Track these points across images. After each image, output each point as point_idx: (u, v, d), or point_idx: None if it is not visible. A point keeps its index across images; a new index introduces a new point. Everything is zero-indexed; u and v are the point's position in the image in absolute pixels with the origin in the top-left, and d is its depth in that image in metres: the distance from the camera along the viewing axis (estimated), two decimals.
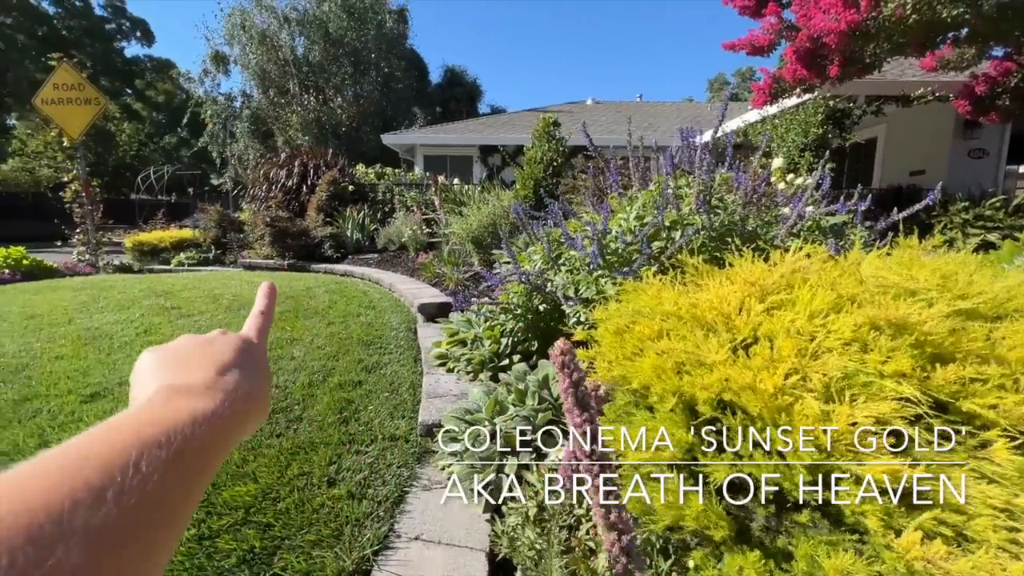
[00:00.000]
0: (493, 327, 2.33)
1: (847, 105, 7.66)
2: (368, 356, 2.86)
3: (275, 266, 7.19)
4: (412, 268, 5.85)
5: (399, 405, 2.21)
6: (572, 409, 0.43)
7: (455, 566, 1.25)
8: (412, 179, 10.65)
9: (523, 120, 14.74)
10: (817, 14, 4.46)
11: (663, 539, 1.15)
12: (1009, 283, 1.21)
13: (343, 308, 4.05)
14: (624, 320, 1.40)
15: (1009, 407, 0.87)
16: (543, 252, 2.13)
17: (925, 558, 0.73)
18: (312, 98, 22.17)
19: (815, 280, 1.22)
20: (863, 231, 1.78)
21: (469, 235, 4.93)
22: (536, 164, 5.74)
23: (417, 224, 6.90)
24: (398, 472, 1.70)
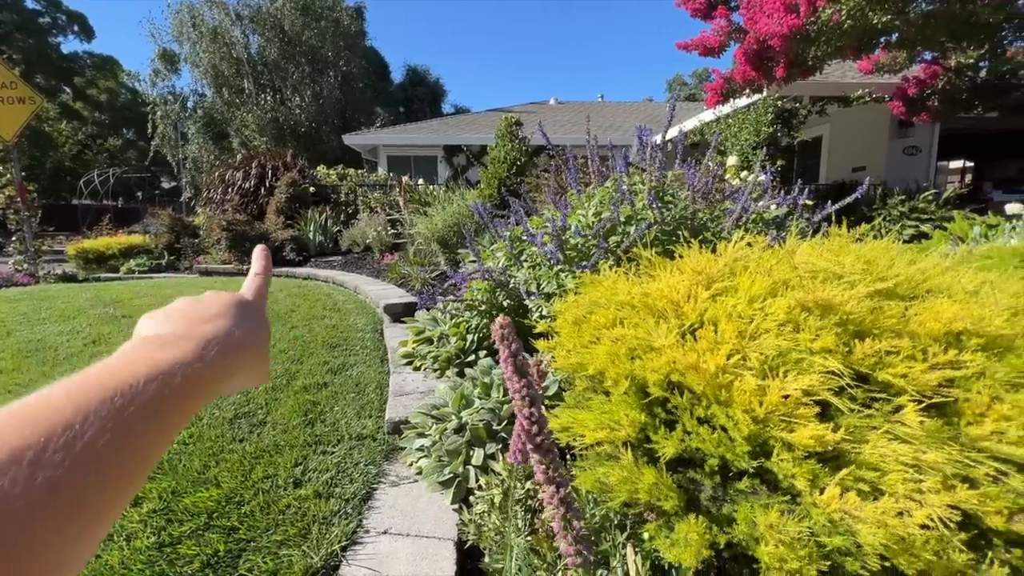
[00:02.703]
0: (459, 324, 2.36)
1: (794, 105, 8.07)
2: (333, 358, 2.83)
3: (234, 271, 6.95)
4: (377, 269, 5.79)
5: (366, 405, 2.21)
6: (512, 377, 0.48)
7: (423, 556, 1.27)
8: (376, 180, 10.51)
9: (487, 120, 14.77)
10: (762, 18, 4.70)
11: (621, 514, 1.21)
12: (923, 266, 1.34)
13: (306, 311, 3.98)
14: (581, 311, 1.46)
15: (917, 375, 0.97)
16: (506, 250, 2.17)
17: (842, 510, 0.81)
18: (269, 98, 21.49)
19: (754, 268, 1.31)
20: (802, 222, 1.91)
21: (434, 235, 4.93)
22: (500, 164, 5.79)
23: (382, 225, 6.82)
24: (366, 470, 1.70)
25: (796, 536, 0.89)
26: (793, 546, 0.87)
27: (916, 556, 0.80)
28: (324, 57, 22.44)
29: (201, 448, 1.79)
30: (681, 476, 1.15)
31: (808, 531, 0.90)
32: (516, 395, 0.48)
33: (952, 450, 0.89)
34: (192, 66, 22.16)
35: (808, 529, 0.90)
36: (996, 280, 1.28)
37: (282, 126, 21.53)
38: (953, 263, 1.47)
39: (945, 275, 1.34)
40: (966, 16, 4.66)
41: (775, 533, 0.89)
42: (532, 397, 0.48)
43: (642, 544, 1.10)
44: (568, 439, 1.21)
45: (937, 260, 1.42)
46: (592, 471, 1.18)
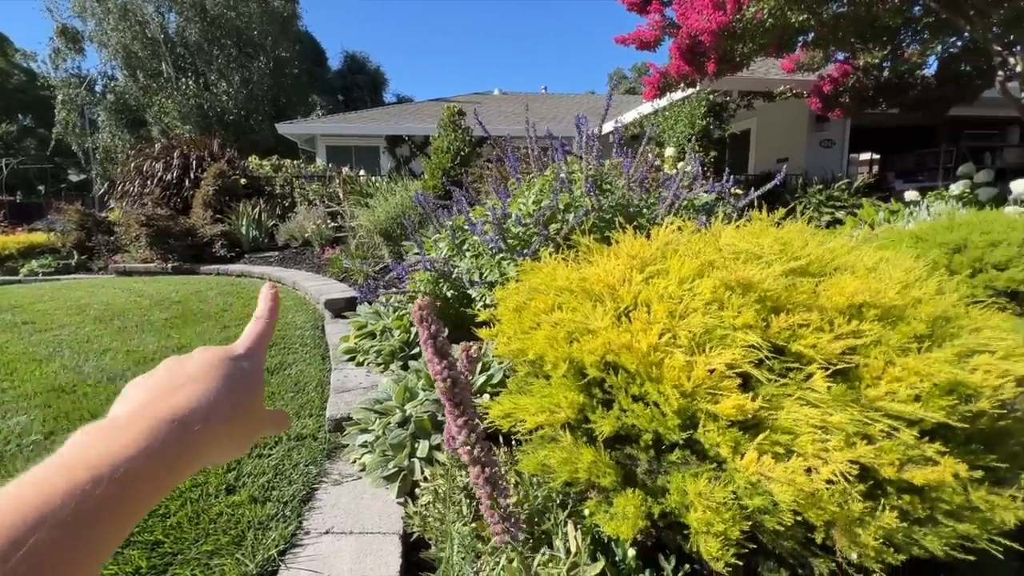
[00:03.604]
0: (402, 317, 2.31)
1: (724, 99, 8.50)
2: (270, 357, 2.69)
3: (157, 270, 6.43)
4: (318, 264, 5.55)
5: (306, 404, 2.12)
6: (432, 359, 0.47)
7: (368, 552, 1.25)
8: (314, 171, 10.04)
9: (431, 110, 14.48)
10: (692, 14, 4.90)
11: (563, 494, 1.24)
12: (831, 246, 1.45)
13: (240, 311, 3.76)
14: (522, 297, 1.47)
15: (824, 345, 1.05)
16: (448, 240, 2.15)
17: (759, 472, 0.87)
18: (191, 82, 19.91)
19: (684, 251, 1.37)
20: (728, 208, 2.03)
21: (377, 227, 4.79)
22: (443, 154, 5.70)
23: (321, 218, 6.54)
24: (306, 470, 1.64)
25: (722, 501, 0.95)
26: (719, 510, 0.93)
27: (823, 509, 0.87)
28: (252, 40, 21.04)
29: None
30: (619, 453, 1.20)
31: (732, 495, 0.96)
32: (437, 377, 0.47)
33: (854, 411, 0.98)
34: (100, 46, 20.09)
35: (732, 493, 0.96)
36: (892, 257, 1.42)
37: (207, 113, 20.03)
38: (857, 243, 1.61)
39: (850, 254, 1.46)
40: (870, 19, 5.09)
41: (703, 500, 0.94)
42: (454, 379, 0.48)
43: (583, 520, 1.14)
44: (510, 425, 1.23)
45: (844, 241, 1.54)
46: (534, 454, 1.20)
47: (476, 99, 17.05)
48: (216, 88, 20.45)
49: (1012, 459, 1.03)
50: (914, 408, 0.95)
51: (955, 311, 1.24)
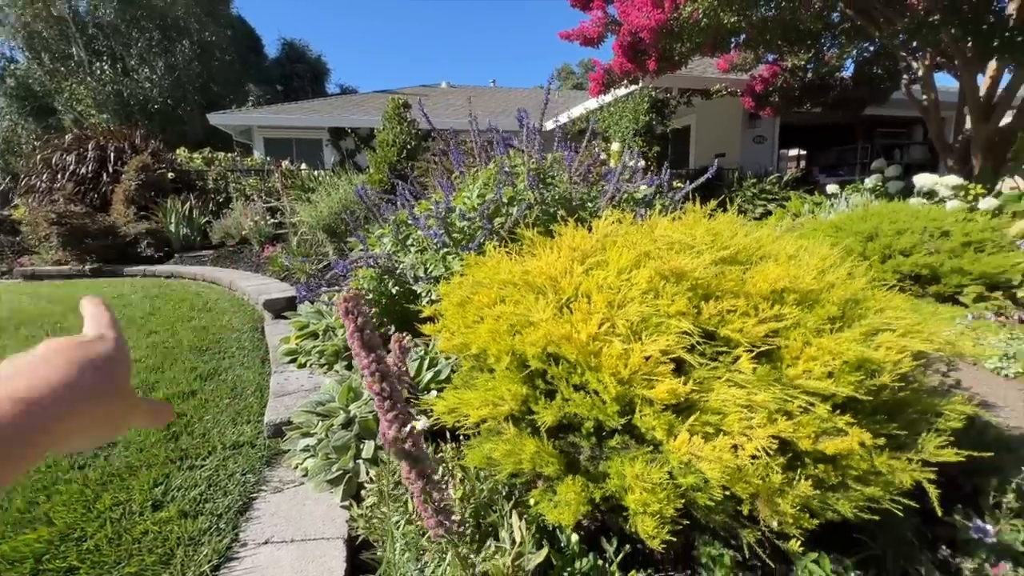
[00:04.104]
0: None
1: (665, 96, 8.81)
2: (203, 363, 2.53)
3: (72, 273, 5.87)
4: (257, 263, 5.27)
5: (243, 410, 2.01)
6: (359, 352, 0.45)
7: (310, 559, 1.20)
8: (251, 164, 9.50)
9: (376, 101, 14.04)
10: (633, 11, 5.03)
11: (509, 485, 1.25)
12: (757, 236, 1.54)
13: (169, 314, 3.50)
14: (466, 292, 1.46)
15: (750, 329, 1.11)
16: (392, 235, 2.09)
17: (690, 452, 0.91)
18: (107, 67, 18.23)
19: (622, 242, 1.40)
20: (666, 200, 2.10)
21: (320, 223, 4.61)
22: (389, 147, 5.56)
23: (260, 214, 6.21)
24: (243, 479, 1.56)
25: (658, 482, 0.99)
26: (655, 491, 0.96)
27: (748, 482, 0.93)
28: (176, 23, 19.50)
29: (23, 483, 1.50)
30: (563, 441, 1.22)
31: (667, 475, 1.00)
32: (365, 371, 0.46)
33: (776, 390, 1.04)
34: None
35: (668, 474, 1.01)
36: (810, 246, 1.52)
37: (128, 102, 18.42)
38: (781, 233, 1.71)
39: (775, 243, 1.55)
40: (794, 22, 5.43)
41: (640, 482, 0.98)
42: (382, 372, 0.46)
43: (529, 510, 1.15)
44: (454, 420, 1.22)
45: (769, 231, 1.63)
46: (479, 448, 1.20)
47: (423, 91, 16.72)
48: (137, 74, 18.83)
49: (910, 426, 1.14)
50: (827, 384, 1.03)
51: (864, 294, 1.35)
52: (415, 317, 1.81)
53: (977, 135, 5.30)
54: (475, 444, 1.23)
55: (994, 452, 1.70)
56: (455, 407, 1.24)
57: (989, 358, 2.49)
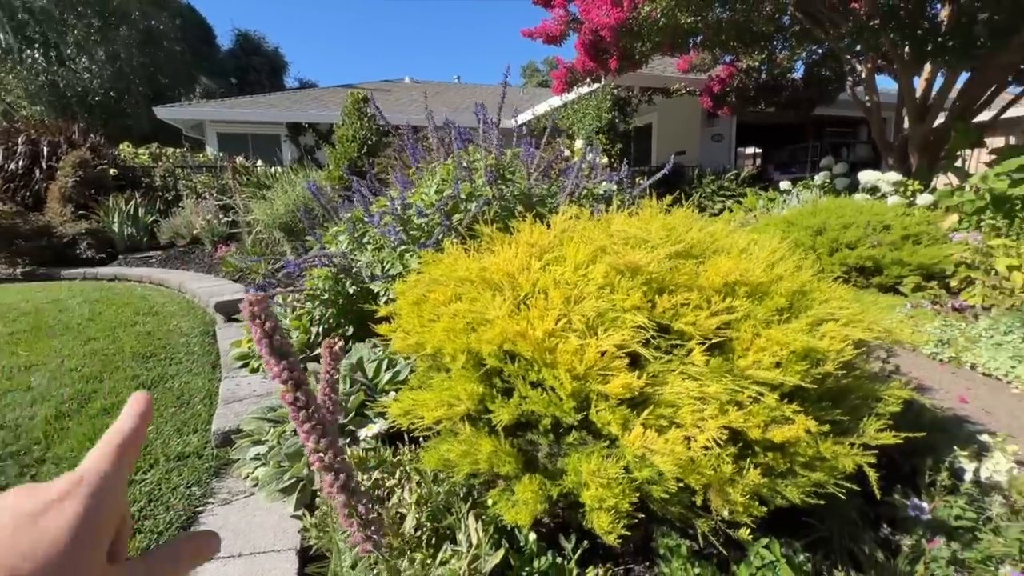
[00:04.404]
0: (301, 316, 2.15)
1: (627, 95, 8.95)
2: (147, 370, 2.39)
3: (1, 276, 5.44)
4: (209, 264, 5.03)
5: (190, 419, 1.91)
6: (268, 359, 0.42)
7: (258, 573, 1.14)
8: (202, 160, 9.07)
9: (337, 96, 13.65)
10: (593, 9, 5.07)
11: (468, 486, 1.23)
12: (711, 230, 1.56)
13: (111, 319, 3.29)
14: (422, 290, 1.43)
15: (702, 321, 1.12)
16: (347, 232, 2.03)
17: (644, 446, 0.91)
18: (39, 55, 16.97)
19: (579, 237, 1.40)
20: (626, 196, 2.13)
21: (276, 221, 4.44)
22: (348, 143, 5.41)
23: (212, 212, 5.93)
24: (188, 492, 1.47)
25: (614, 476, 0.99)
26: (610, 486, 0.96)
27: (701, 474, 0.94)
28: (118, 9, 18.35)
29: None
30: (522, 439, 1.20)
31: (623, 470, 1.00)
32: (277, 379, 0.43)
33: (727, 381, 1.06)
34: None
35: (623, 468, 1.01)
36: (760, 239, 1.56)
37: (64, 93, 17.21)
38: (735, 227, 1.75)
39: (728, 237, 1.58)
40: (747, 24, 5.61)
41: (596, 477, 0.97)
42: (296, 381, 0.43)
43: (487, 511, 1.13)
44: (408, 423, 1.18)
45: (723, 226, 1.67)
46: (435, 450, 1.17)
47: (386, 86, 16.39)
48: (75, 64, 17.63)
49: (853, 411, 1.19)
50: (776, 374, 1.05)
51: (810, 285, 1.39)
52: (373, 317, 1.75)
53: (914, 134, 5.63)
54: (431, 446, 1.20)
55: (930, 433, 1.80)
56: (410, 409, 1.20)
57: (926, 344, 2.64)
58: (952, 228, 3.70)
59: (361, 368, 1.84)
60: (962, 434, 1.81)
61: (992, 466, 1.21)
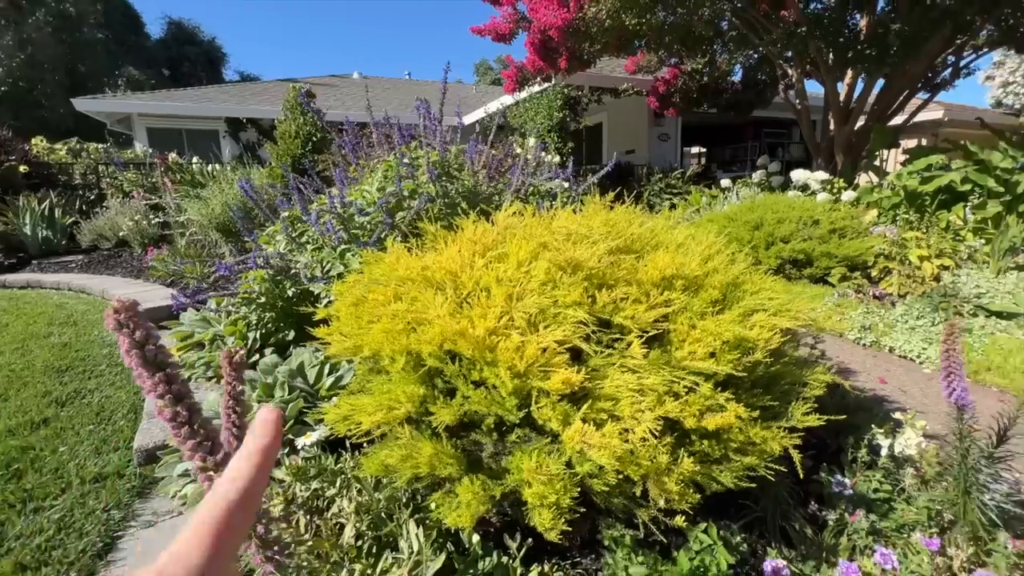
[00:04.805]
0: (236, 322, 2.03)
1: (577, 94, 9.08)
2: (62, 385, 2.18)
3: None
4: (138, 268, 4.68)
5: (111, 436, 1.76)
6: (141, 373, 0.38)
7: None
8: (129, 157, 8.43)
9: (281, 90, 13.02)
10: (540, 8, 5.10)
11: (411, 491, 1.20)
12: (651, 226, 1.60)
13: (20, 330, 2.99)
14: (361, 291, 1.38)
15: (641, 315, 1.14)
16: (283, 232, 1.93)
17: (582, 440, 0.92)
18: None
19: (521, 233, 1.39)
20: (573, 193, 2.15)
21: (213, 222, 4.18)
22: (291, 139, 5.18)
23: (141, 213, 5.51)
24: (106, 517, 1.35)
25: (555, 473, 0.99)
26: (552, 482, 0.96)
27: (639, 465, 0.95)
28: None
29: None
30: (466, 440, 1.18)
31: (565, 465, 1.01)
32: (151, 394, 0.39)
33: (665, 372, 1.08)
34: None
35: (565, 464, 1.01)
36: (697, 234, 1.61)
37: None
38: (675, 223, 1.81)
39: (667, 233, 1.62)
40: (689, 28, 5.83)
41: (537, 475, 0.97)
42: (176, 394, 0.39)
43: (430, 515, 1.11)
44: (346, 429, 1.14)
45: (663, 221, 1.71)
46: (376, 455, 1.13)
47: (333, 81, 15.84)
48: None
49: (783, 397, 1.25)
50: (710, 364, 1.09)
51: (743, 277, 1.45)
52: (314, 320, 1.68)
53: (838, 136, 6.04)
54: (372, 452, 1.16)
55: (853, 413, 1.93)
56: (349, 414, 1.15)
57: (850, 330, 2.84)
58: (872, 222, 4.00)
59: (302, 373, 1.76)
60: (881, 412, 1.96)
61: (904, 441, 1.31)
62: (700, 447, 1.06)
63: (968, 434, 1.09)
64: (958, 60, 5.89)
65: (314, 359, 1.79)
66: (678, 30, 5.73)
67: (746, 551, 1.19)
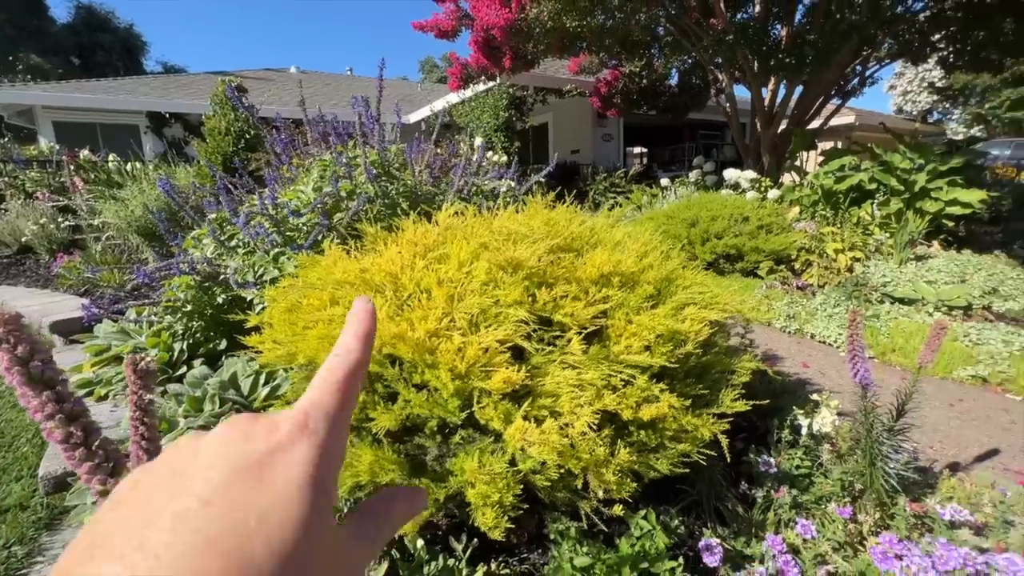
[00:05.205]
0: (160, 333, 1.89)
1: (523, 94, 9.16)
2: None
3: None
4: (46, 277, 4.24)
5: (12, 464, 1.58)
6: (24, 392, 0.35)
7: None
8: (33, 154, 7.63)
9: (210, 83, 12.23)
10: (483, 7, 5.10)
11: (352, 500, 1.16)
12: (591, 224, 1.64)
13: None
14: (296, 295, 1.32)
15: (580, 312, 1.17)
16: (210, 235, 1.82)
17: (523, 438, 0.93)
18: None
19: (462, 234, 1.39)
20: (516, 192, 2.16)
21: (133, 225, 3.87)
22: (222, 136, 4.88)
23: (48, 216, 5.00)
24: (6, 555, 1.22)
25: (499, 472, 0.99)
26: (495, 481, 0.97)
27: (579, 458, 0.98)
28: None
29: None
30: (410, 444, 1.17)
31: (508, 464, 1.01)
32: (38, 415, 0.35)
33: (604, 367, 1.12)
34: None
35: (508, 462, 1.02)
36: (634, 232, 1.67)
37: None
38: (614, 220, 1.86)
39: (607, 231, 1.67)
40: (628, 32, 6.03)
41: (480, 475, 0.97)
42: (69, 414, 0.36)
43: None
44: None
45: (603, 219, 1.76)
46: None
47: (269, 75, 15.08)
48: None
49: (713, 385, 1.32)
50: (645, 357, 1.13)
51: (676, 273, 1.52)
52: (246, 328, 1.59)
53: (764, 138, 6.47)
54: None
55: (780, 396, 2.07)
56: None
57: (777, 319, 3.05)
58: (795, 218, 4.32)
59: (235, 384, 1.66)
60: (804, 395, 2.12)
61: (820, 420, 1.42)
62: (638, 437, 1.10)
63: (871, 410, 1.20)
64: (864, 70, 6.47)
65: (248, 368, 1.70)
66: (617, 33, 5.92)
67: (684, 533, 1.25)
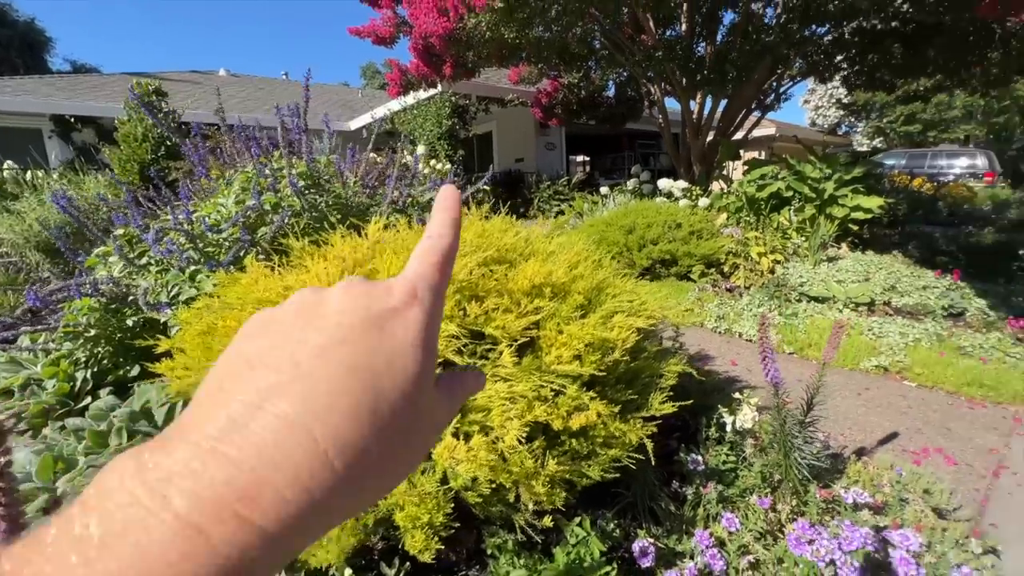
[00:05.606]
0: (58, 361, 1.71)
1: (465, 102, 9.18)
2: None
3: None
4: None
5: None
6: None
7: None
8: None
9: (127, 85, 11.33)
10: (420, 15, 5.08)
11: None
12: (525, 234, 1.65)
13: None
14: (212, 317, 1.24)
15: (511, 324, 1.18)
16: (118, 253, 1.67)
17: (451, 456, 0.92)
18: None
19: (392, 248, 1.36)
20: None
21: (32, 240, 3.49)
22: (138, 143, 4.53)
23: None
24: None
25: (429, 491, 0.97)
26: (425, 502, 0.95)
27: (510, 472, 0.98)
28: None
29: None
30: None
31: (439, 483, 1.00)
32: None
33: (535, 378, 1.13)
34: None
35: (439, 480, 1.00)
36: (567, 242, 1.71)
37: None
38: (551, 230, 1.90)
39: (542, 241, 1.69)
40: (565, 45, 6.20)
41: (411, 496, 0.95)
42: None
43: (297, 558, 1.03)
44: None
45: (538, 229, 1.78)
46: None
47: (195, 78, 14.19)
48: None
49: (643, 389, 1.37)
50: (575, 366, 1.15)
51: (606, 281, 1.56)
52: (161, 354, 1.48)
53: (694, 148, 6.86)
54: None
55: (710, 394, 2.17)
56: None
57: (708, 320, 3.22)
58: (723, 224, 4.59)
59: (147, 415, 1.53)
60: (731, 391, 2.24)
61: (742, 417, 1.51)
62: (570, 446, 1.12)
63: (783, 406, 1.29)
64: (779, 86, 7.03)
65: (163, 397, 1.57)
66: (555, 46, 6.07)
67: (619, 536, 1.28)
